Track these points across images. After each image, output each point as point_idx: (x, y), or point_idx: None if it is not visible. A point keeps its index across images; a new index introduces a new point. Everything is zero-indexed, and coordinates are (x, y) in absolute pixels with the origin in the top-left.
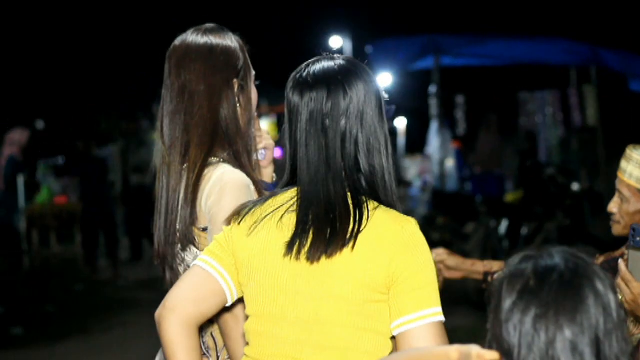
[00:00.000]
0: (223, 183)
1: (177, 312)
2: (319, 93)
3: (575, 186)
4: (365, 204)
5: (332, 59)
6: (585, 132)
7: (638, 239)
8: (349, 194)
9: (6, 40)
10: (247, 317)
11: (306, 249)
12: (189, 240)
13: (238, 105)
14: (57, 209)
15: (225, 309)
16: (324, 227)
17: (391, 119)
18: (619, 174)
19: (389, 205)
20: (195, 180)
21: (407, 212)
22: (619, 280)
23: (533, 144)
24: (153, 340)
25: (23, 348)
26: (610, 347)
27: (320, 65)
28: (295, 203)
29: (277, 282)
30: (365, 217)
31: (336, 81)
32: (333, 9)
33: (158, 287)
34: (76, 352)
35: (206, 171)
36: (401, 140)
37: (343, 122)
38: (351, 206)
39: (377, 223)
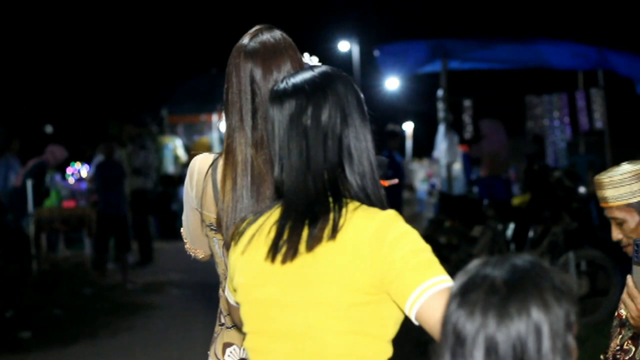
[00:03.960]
0: None
1: None
2: (298, 98)
3: (582, 189)
4: (346, 205)
5: (311, 69)
6: (592, 136)
7: None
8: (329, 194)
9: (16, 45)
10: (245, 334)
11: (283, 250)
12: None
13: None
14: (65, 213)
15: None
16: (301, 228)
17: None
18: (603, 205)
19: (379, 205)
20: None
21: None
22: (625, 296)
23: (540, 147)
24: (161, 344)
25: (31, 352)
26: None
27: (299, 75)
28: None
29: (267, 297)
30: (343, 218)
31: (315, 85)
32: (340, 14)
33: (166, 291)
34: (84, 356)
35: None
36: (408, 143)
37: (324, 121)
38: (331, 206)
39: (356, 223)
